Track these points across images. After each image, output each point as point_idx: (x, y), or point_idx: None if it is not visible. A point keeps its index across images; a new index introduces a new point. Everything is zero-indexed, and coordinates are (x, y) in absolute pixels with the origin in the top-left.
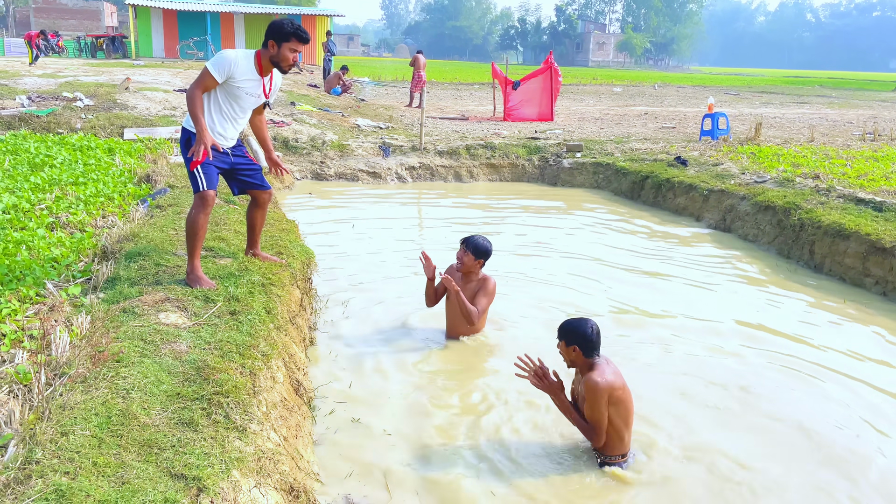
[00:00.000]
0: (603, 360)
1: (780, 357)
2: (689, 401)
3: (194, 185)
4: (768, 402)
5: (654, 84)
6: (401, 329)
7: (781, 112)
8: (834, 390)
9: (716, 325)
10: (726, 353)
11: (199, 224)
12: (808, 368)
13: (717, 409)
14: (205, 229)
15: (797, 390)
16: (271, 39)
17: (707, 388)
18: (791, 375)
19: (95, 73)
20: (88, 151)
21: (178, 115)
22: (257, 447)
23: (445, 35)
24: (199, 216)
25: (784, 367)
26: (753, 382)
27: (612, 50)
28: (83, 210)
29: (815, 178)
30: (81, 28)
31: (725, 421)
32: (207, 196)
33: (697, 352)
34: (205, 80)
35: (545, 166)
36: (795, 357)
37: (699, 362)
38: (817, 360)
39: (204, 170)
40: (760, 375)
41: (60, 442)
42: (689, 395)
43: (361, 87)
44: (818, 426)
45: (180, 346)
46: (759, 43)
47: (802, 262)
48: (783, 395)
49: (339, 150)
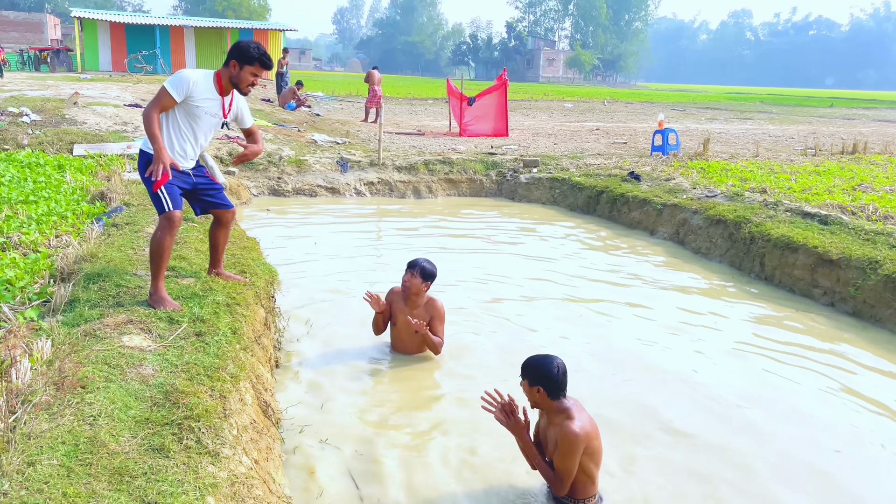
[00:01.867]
0: (572, 403)
1: (729, 371)
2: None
3: (159, 206)
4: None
5: (604, 100)
6: (365, 347)
7: (726, 128)
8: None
9: (666, 337)
10: (671, 372)
11: (164, 245)
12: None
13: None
14: (170, 251)
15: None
16: (234, 60)
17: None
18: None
19: (41, 88)
20: (37, 168)
21: (130, 130)
22: (230, 472)
23: (398, 50)
24: (166, 238)
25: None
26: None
27: (562, 66)
28: (35, 230)
29: (762, 193)
30: (23, 41)
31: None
32: (174, 217)
33: (644, 366)
34: (162, 100)
35: (503, 181)
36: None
37: (645, 379)
38: (771, 370)
39: (168, 190)
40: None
41: (27, 472)
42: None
43: (316, 102)
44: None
45: (146, 370)
46: (702, 60)
47: (754, 274)
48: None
49: (296, 165)
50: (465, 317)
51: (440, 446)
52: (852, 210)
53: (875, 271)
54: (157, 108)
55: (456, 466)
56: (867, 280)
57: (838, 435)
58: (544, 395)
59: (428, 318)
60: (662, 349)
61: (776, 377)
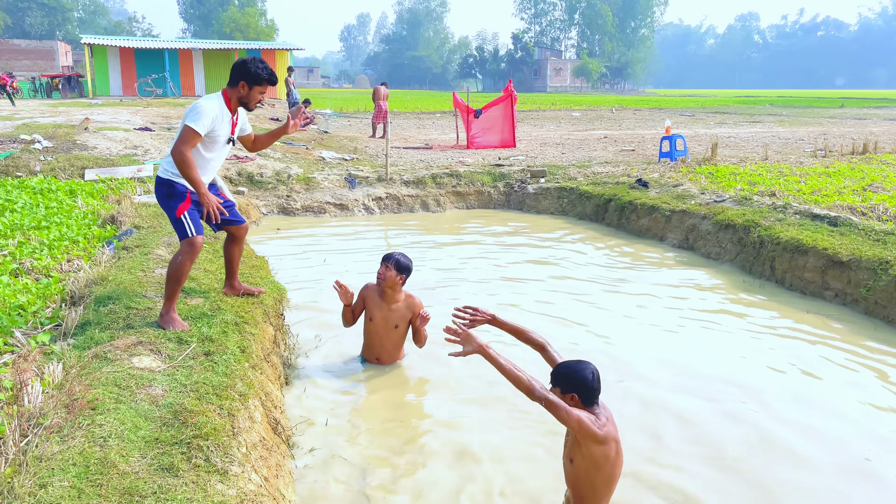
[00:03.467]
0: (603, 411)
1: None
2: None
3: (182, 232)
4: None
5: (612, 108)
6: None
7: (735, 132)
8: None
9: (681, 344)
10: (692, 377)
11: (184, 270)
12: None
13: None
14: (187, 275)
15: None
16: (243, 81)
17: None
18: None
19: (52, 114)
20: (49, 194)
21: (140, 153)
22: (239, 490)
23: (405, 65)
24: (186, 262)
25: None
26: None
27: (569, 75)
28: (47, 255)
29: (771, 196)
30: (35, 68)
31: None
32: (196, 242)
33: (661, 374)
34: (192, 140)
35: (511, 192)
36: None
37: (664, 385)
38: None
39: (190, 216)
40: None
41: (39, 495)
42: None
43: (324, 120)
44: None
45: (156, 391)
46: (710, 64)
47: (765, 278)
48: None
49: (304, 183)
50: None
51: (454, 464)
52: (862, 211)
53: (886, 272)
54: (189, 147)
55: (475, 488)
56: (878, 281)
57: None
58: (578, 402)
59: (409, 314)
60: (677, 353)
61: (795, 378)
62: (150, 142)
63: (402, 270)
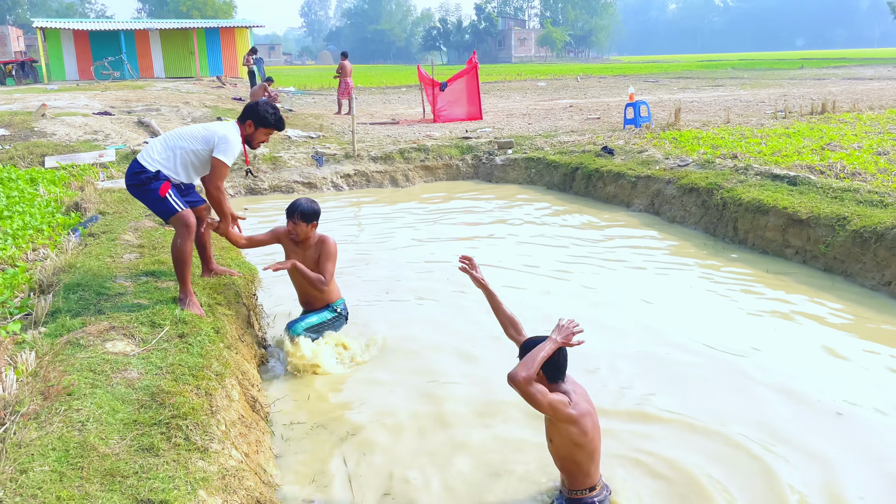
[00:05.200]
0: (571, 388)
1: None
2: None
3: (170, 209)
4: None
5: (577, 76)
6: (347, 338)
7: (698, 96)
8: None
9: (646, 306)
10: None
11: (187, 251)
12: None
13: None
14: (191, 255)
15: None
16: (251, 120)
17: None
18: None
19: (7, 102)
20: (10, 183)
21: (101, 138)
22: (220, 466)
23: (368, 39)
24: (187, 243)
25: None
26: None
27: (534, 45)
28: (12, 244)
29: (733, 158)
30: None
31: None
32: (188, 218)
33: (630, 332)
34: (225, 174)
35: (479, 165)
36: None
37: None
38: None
39: (174, 192)
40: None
41: (21, 480)
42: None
43: (288, 97)
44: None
45: (131, 374)
46: (673, 30)
47: (728, 239)
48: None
49: (271, 162)
50: (446, 296)
51: (438, 431)
52: (821, 169)
53: (843, 227)
54: (223, 181)
55: (450, 451)
56: (836, 237)
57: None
58: (543, 378)
59: (317, 256)
60: (648, 315)
61: (759, 335)
62: (111, 126)
63: (308, 218)
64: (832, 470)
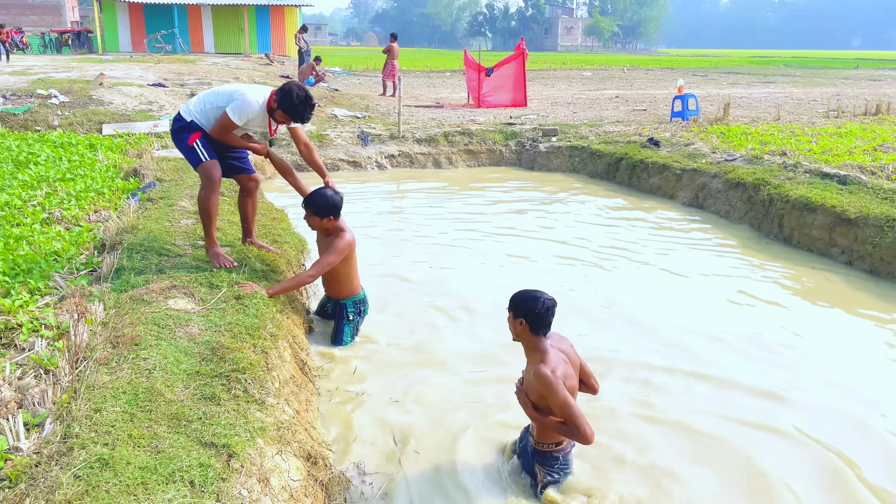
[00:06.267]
0: (550, 345)
1: (751, 332)
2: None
3: (195, 158)
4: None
5: (624, 67)
6: (393, 309)
7: (748, 92)
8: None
9: (691, 301)
10: (698, 334)
11: (211, 203)
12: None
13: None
14: (216, 207)
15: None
16: (277, 97)
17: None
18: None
19: (66, 70)
20: (70, 148)
21: (155, 109)
22: (276, 418)
23: (413, 22)
24: (210, 196)
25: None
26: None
27: (581, 34)
28: (75, 205)
29: (782, 155)
30: (42, 24)
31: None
32: (212, 169)
33: (667, 333)
34: (229, 127)
35: (522, 151)
36: (766, 331)
37: (668, 343)
38: (790, 330)
39: (202, 143)
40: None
41: (95, 418)
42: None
43: (334, 77)
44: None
45: (193, 329)
46: (724, 24)
47: (772, 236)
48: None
49: (318, 140)
50: (486, 278)
51: (470, 401)
52: (872, 170)
53: (893, 229)
54: (225, 132)
55: (486, 416)
56: (884, 238)
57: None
58: (526, 328)
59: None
60: (685, 309)
61: (796, 334)
62: (164, 97)
63: (321, 211)
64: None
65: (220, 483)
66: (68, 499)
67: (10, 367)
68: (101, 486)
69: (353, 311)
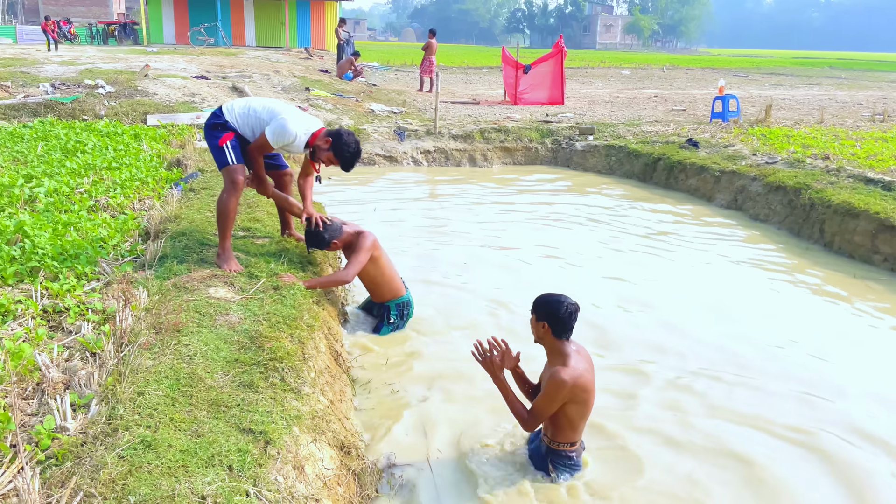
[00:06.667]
0: (574, 350)
1: (785, 339)
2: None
3: (223, 160)
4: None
5: (663, 66)
6: (428, 307)
7: (791, 94)
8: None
9: (727, 306)
10: (730, 336)
11: (230, 207)
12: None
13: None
14: (235, 212)
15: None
16: (330, 140)
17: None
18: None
19: (112, 61)
20: (116, 137)
21: (198, 101)
22: (311, 407)
23: (452, 18)
24: (231, 200)
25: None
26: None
27: (620, 32)
28: (121, 193)
29: (825, 159)
30: (90, 14)
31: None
32: (236, 174)
33: (700, 337)
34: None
35: (558, 149)
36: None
37: (699, 349)
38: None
39: (232, 146)
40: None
41: (139, 401)
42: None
43: (372, 72)
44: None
45: (232, 318)
46: (768, 24)
47: (813, 241)
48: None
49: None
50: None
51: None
52: None
53: None
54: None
55: None
56: None
57: None
58: (548, 331)
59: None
60: (722, 314)
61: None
62: (207, 89)
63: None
64: None
65: (257, 468)
66: (112, 478)
67: (58, 349)
68: (143, 466)
69: (396, 313)
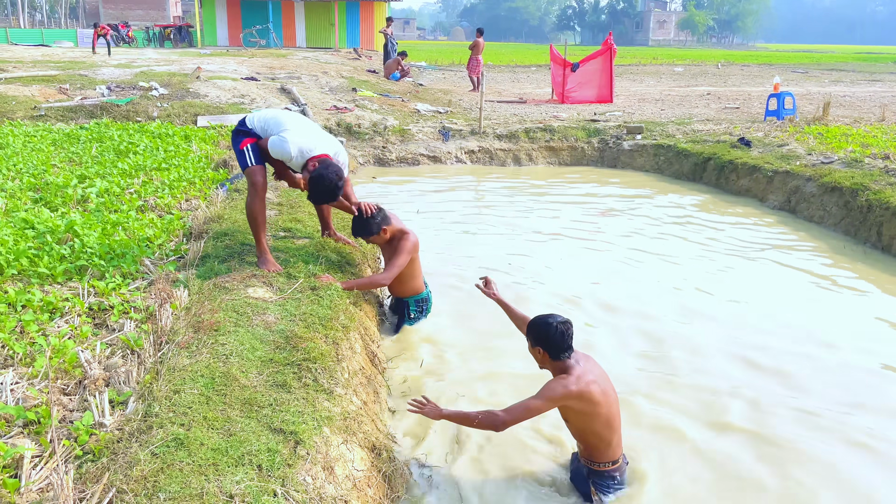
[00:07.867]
0: (577, 363)
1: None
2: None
3: (243, 162)
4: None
5: (718, 63)
6: (467, 307)
7: (851, 90)
8: None
9: (780, 310)
10: (785, 341)
11: (255, 208)
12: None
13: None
14: (263, 213)
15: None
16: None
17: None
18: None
19: (166, 63)
20: (167, 138)
21: (247, 102)
22: (343, 408)
23: (501, 17)
24: (255, 201)
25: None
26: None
27: (674, 28)
28: (168, 194)
29: (884, 159)
30: (148, 18)
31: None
32: (256, 174)
33: (752, 340)
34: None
35: (605, 149)
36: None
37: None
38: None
39: (252, 149)
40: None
41: (174, 399)
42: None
43: (419, 72)
44: None
45: (269, 318)
46: (829, 18)
47: (870, 244)
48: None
49: (400, 134)
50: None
51: None
52: None
53: None
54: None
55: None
56: None
57: None
58: (546, 355)
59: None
60: (776, 320)
61: None
62: (256, 91)
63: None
64: None
65: (286, 468)
66: (144, 475)
67: (101, 346)
68: (175, 464)
69: (416, 309)
